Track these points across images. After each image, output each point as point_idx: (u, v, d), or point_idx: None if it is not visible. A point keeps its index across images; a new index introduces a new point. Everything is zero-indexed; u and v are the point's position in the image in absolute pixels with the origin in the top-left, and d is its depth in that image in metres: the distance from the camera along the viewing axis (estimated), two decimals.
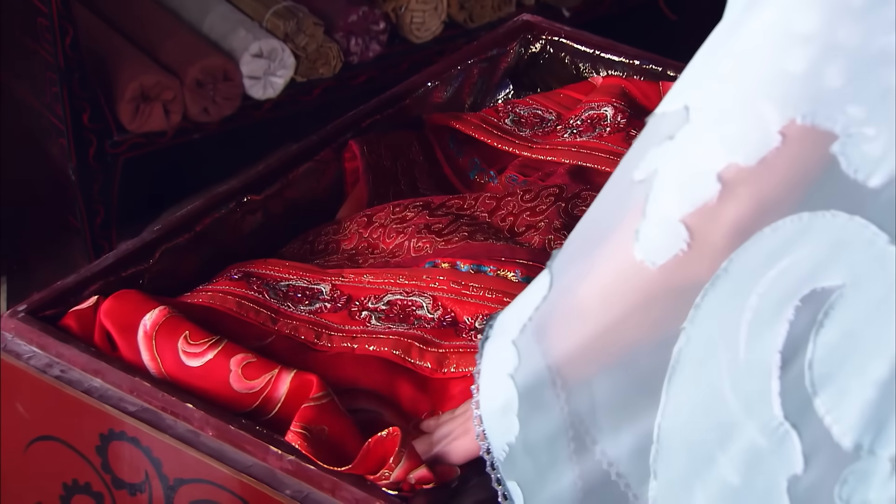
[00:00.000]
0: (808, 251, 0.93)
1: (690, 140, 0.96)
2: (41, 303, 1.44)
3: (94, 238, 2.20)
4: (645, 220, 0.98)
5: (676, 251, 0.97)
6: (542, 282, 1.13)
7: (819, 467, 0.92)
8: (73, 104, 2.07)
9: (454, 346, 1.42)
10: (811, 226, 0.93)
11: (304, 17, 2.23)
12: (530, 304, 1.13)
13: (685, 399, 1.00)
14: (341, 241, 1.63)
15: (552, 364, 1.09)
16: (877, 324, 0.89)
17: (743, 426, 0.95)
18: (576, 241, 1.11)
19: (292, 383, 1.32)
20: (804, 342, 0.93)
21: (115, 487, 1.38)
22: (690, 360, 0.99)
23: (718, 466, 0.97)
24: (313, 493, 1.26)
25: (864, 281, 0.90)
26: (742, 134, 0.93)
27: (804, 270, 0.93)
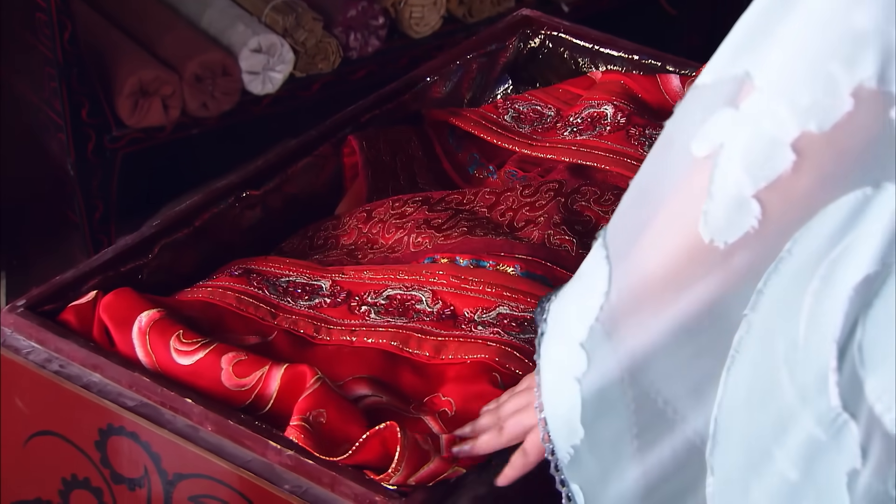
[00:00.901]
0: (868, 230, 0.89)
1: (759, 110, 0.90)
2: (40, 298, 1.44)
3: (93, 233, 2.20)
4: (712, 200, 0.93)
5: (747, 228, 0.92)
6: (599, 272, 1.07)
7: (874, 459, 0.89)
8: (72, 99, 2.07)
9: (453, 335, 1.42)
10: (873, 202, 0.89)
11: (303, 13, 2.23)
12: (594, 301, 1.06)
13: (742, 391, 0.96)
14: (340, 236, 1.64)
15: (623, 360, 1.05)
16: None
17: (800, 418, 0.92)
18: (630, 224, 1.04)
19: (283, 378, 1.32)
20: (856, 325, 0.89)
21: (115, 482, 1.38)
22: (750, 349, 0.96)
23: (775, 461, 0.94)
24: (312, 487, 1.26)
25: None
26: (814, 99, 0.87)
27: (864, 251, 0.89)
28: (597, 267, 1.07)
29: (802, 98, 0.88)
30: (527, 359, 1.38)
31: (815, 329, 0.91)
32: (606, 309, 1.05)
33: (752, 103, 0.91)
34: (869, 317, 0.89)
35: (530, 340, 1.40)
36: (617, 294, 1.04)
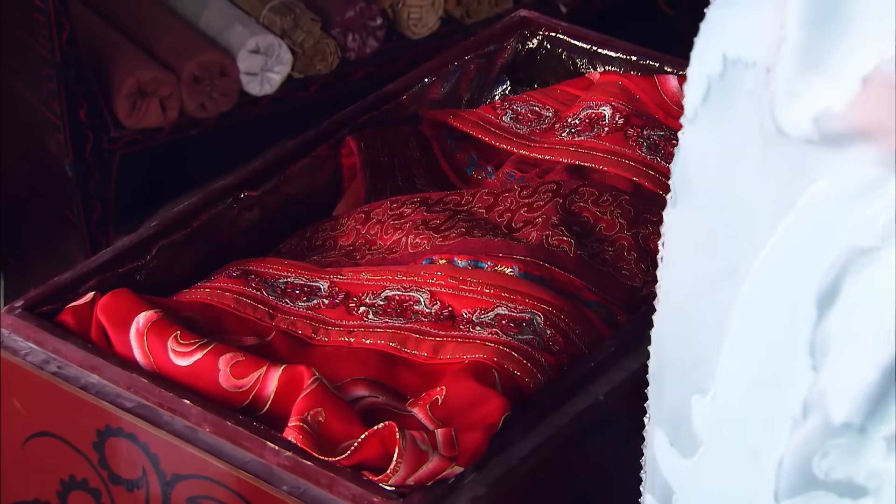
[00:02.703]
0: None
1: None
2: (38, 299, 1.44)
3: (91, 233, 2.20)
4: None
5: None
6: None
7: (811, 425, 0.86)
8: (70, 100, 2.07)
9: (451, 335, 1.42)
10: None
11: (301, 13, 2.23)
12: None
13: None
14: (338, 237, 1.64)
15: None
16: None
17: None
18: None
19: (281, 379, 1.32)
20: (834, 298, 0.84)
21: (113, 483, 1.38)
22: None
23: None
24: (310, 488, 1.26)
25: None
26: None
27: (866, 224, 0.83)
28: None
29: None
30: (524, 359, 1.38)
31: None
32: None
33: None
34: (839, 299, 0.84)
35: (528, 341, 1.41)
36: None
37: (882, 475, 0.84)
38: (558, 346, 1.42)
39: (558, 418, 1.35)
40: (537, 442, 1.33)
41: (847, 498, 0.85)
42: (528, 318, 1.44)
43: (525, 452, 1.32)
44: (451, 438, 1.27)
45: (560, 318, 1.44)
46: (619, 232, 1.59)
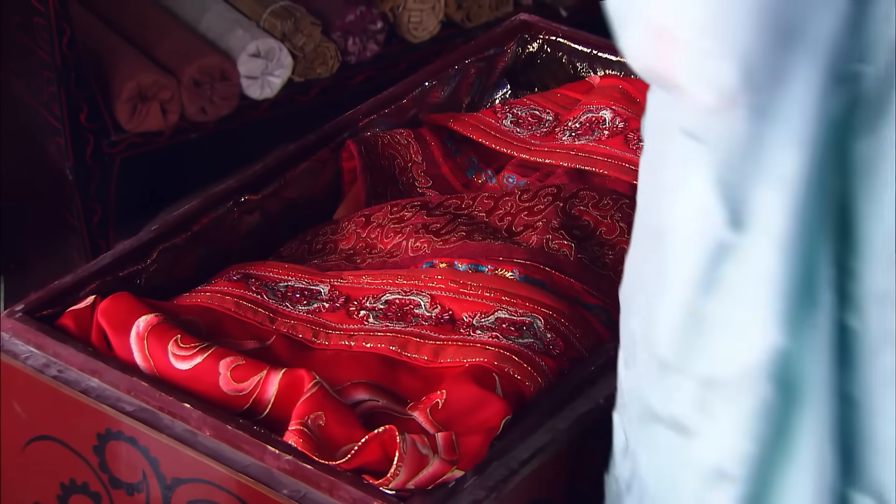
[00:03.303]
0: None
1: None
2: (39, 302, 1.44)
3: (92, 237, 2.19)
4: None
5: None
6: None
7: (646, 357, 0.91)
8: (71, 103, 2.07)
9: (451, 339, 1.42)
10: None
11: (302, 17, 2.23)
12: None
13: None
14: (339, 240, 1.64)
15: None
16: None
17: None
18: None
19: (281, 383, 1.32)
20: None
21: (113, 487, 1.38)
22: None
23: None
24: (311, 492, 1.26)
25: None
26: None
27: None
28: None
29: None
30: (525, 363, 1.38)
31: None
32: None
33: None
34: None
35: (528, 345, 1.41)
36: None
37: (698, 417, 0.86)
38: (559, 350, 1.42)
39: (559, 422, 1.35)
40: (538, 445, 1.32)
41: (676, 433, 0.87)
42: (529, 322, 1.44)
43: (525, 456, 1.31)
44: (452, 442, 1.27)
45: (560, 322, 1.44)
46: (620, 236, 1.59)
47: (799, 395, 0.85)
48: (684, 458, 0.90)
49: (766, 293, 0.83)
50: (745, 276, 0.84)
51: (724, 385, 0.86)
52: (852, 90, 0.79)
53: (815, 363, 0.84)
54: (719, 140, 0.84)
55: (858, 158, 0.81)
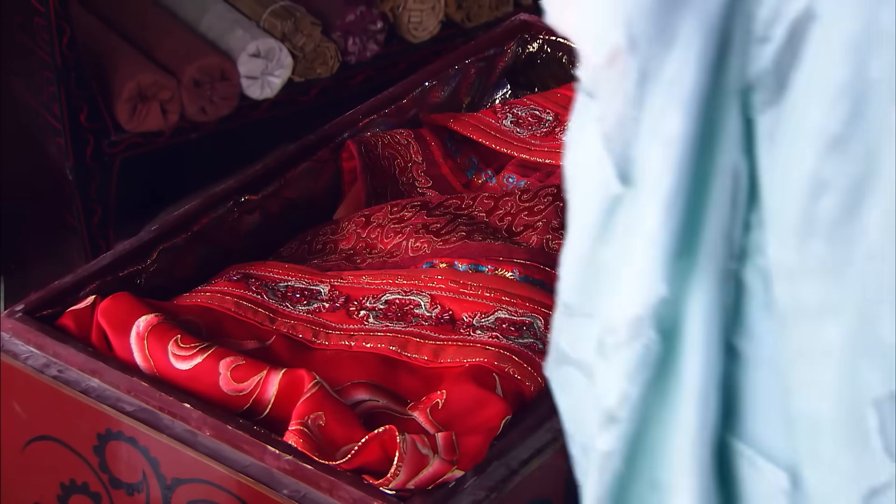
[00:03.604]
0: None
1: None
2: (39, 302, 1.44)
3: (92, 237, 2.19)
4: None
5: None
6: None
7: (558, 304, 0.94)
8: (71, 103, 2.07)
9: (451, 339, 1.42)
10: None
11: (302, 17, 2.23)
12: None
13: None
14: (339, 240, 1.64)
15: None
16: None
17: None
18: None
19: (281, 383, 1.32)
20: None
21: (113, 487, 1.38)
22: None
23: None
24: (311, 492, 1.26)
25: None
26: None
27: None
28: None
29: None
30: (525, 363, 1.38)
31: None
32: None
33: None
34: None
35: (529, 345, 1.41)
36: None
37: (597, 359, 0.89)
38: None
39: (559, 422, 1.35)
40: (538, 446, 1.32)
41: (584, 374, 0.91)
42: (529, 322, 1.44)
43: (525, 456, 1.31)
44: (452, 442, 1.27)
45: None
46: None
47: (681, 343, 0.87)
48: (590, 400, 0.92)
49: (651, 245, 0.85)
50: (633, 228, 0.86)
51: (616, 330, 0.88)
52: (754, 64, 0.80)
53: (700, 314, 0.87)
54: (608, 97, 0.86)
55: (762, 131, 0.82)
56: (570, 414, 0.96)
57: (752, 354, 0.88)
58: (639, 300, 0.86)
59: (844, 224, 0.79)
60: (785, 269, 0.83)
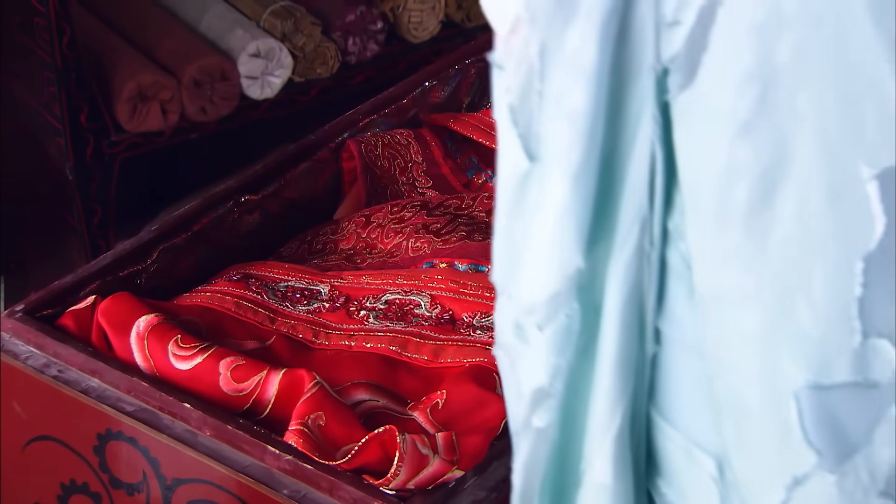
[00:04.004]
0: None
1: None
2: (39, 302, 1.44)
3: (92, 237, 2.19)
4: None
5: None
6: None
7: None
8: (71, 104, 2.07)
9: (452, 339, 1.42)
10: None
11: (302, 17, 2.23)
12: None
13: None
14: (339, 240, 1.64)
15: None
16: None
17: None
18: None
19: (281, 382, 1.32)
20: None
21: (113, 487, 1.38)
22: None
23: None
24: (311, 492, 1.26)
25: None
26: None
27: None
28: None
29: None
30: None
31: None
32: None
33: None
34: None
35: None
36: None
37: (518, 342, 0.90)
38: None
39: None
40: None
41: (507, 358, 0.92)
42: None
43: None
44: (452, 442, 1.27)
45: None
46: None
47: (602, 317, 0.87)
48: (512, 385, 0.93)
49: (563, 220, 0.85)
50: (545, 204, 0.86)
51: (534, 310, 0.89)
52: (668, 47, 0.80)
53: (617, 291, 0.87)
54: (514, 69, 0.87)
55: (677, 115, 0.82)
56: (507, 396, 0.96)
57: (676, 339, 0.88)
58: (555, 274, 0.86)
59: (759, 212, 0.79)
60: (703, 255, 0.83)
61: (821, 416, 0.80)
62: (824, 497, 0.81)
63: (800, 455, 0.81)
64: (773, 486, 0.83)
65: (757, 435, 0.83)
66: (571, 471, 0.92)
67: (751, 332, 0.81)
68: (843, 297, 0.78)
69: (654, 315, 0.88)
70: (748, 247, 0.80)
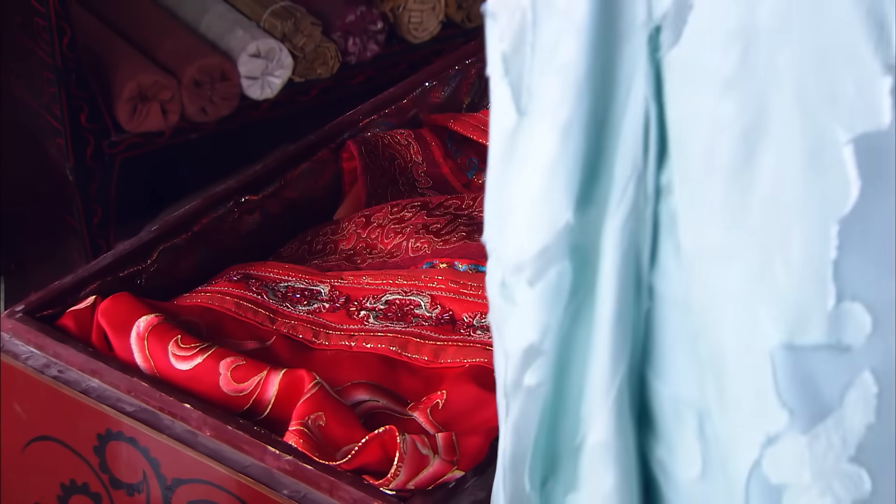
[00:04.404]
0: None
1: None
2: (39, 303, 1.44)
3: (92, 237, 2.19)
4: None
5: None
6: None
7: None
8: (71, 104, 2.07)
9: (452, 339, 1.42)
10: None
11: (302, 17, 2.23)
12: None
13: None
14: (339, 241, 1.64)
15: None
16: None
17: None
18: None
19: (281, 383, 1.32)
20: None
21: (113, 487, 1.38)
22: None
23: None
24: (311, 492, 1.26)
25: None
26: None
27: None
28: None
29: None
30: None
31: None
32: None
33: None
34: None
35: None
36: None
37: (506, 304, 0.91)
38: None
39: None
40: None
41: (495, 324, 0.92)
42: None
43: None
44: (452, 442, 1.27)
45: None
46: None
47: (597, 274, 0.88)
48: (499, 350, 0.93)
49: (552, 174, 0.85)
50: (534, 157, 0.87)
51: (522, 267, 0.89)
52: (659, 4, 0.82)
53: (612, 246, 0.88)
54: (507, 18, 0.87)
55: (667, 72, 0.84)
56: (495, 359, 0.96)
57: (666, 294, 0.88)
58: (544, 229, 0.86)
59: (741, 170, 0.80)
60: (688, 211, 0.84)
61: (794, 376, 0.82)
62: (795, 458, 0.83)
63: (773, 414, 0.82)
64: (748, 443, 0.84)
65: (735, 392, 0.84)
66: (567, 435, 0.92)
67: (731, 289, 0.83)
68: (818, 260, 0.79)
69: (648, 271, 0.88)
70: (730, 205, 0.81)
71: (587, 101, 0.84)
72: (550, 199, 0.86)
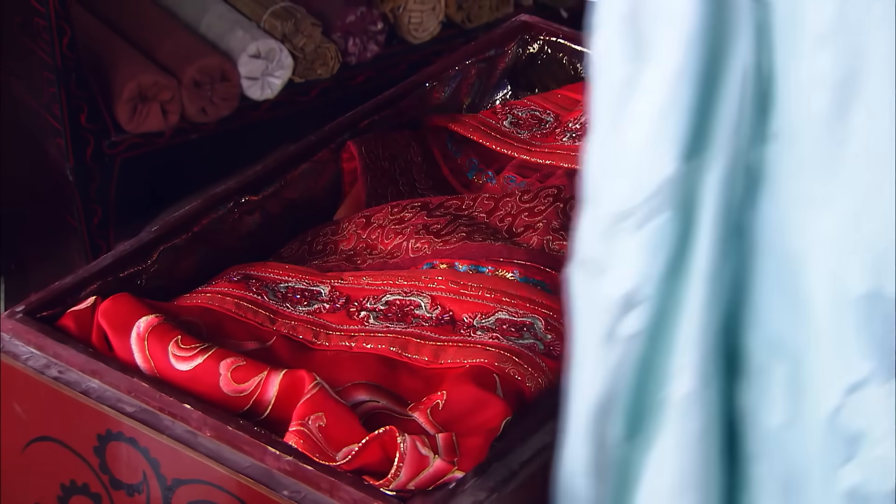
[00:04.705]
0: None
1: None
2: (39, 303, 1.44)
3: (92, 238, 2.19)
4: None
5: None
6: None
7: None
8: (71, 104, 2.07)
9: (452, 340, 1.42)
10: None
11: (302, 18, 2.23)
12: None
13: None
14: (339, 241, 1.64)
15: None
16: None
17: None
18: None
19: (282, 383, 1.32)
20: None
21: (113, 488, 1.38)
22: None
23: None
24: (311, 493, 1.26)
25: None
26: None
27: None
28: None
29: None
30: (525, 364, 1.38)
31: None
32: None
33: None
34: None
35: (529, 346, 1.41)
36: None
37: (607, 249, 0.94)
38: (559, 351, 1.42)
39: (559, 423, 1.35)
40: (538, 446, 1.32)
41: (588, 274, 0.96)
42: (529, 323, 1.44)
43: (526, 457, 1.32)
44: (452, 443, 1.27)
45: (561, 323, 1.44)
46: None
47: (695, 224, 0.90)
48: (594, 297, 0.94)
49: (662, 122, 0.88)
50: (644, 107, 0.89)
51: (629, 212, 0.91)
52: None
53: (712, 197, 0.90)
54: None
55: (771, 27, 0.86)
56: (576, 317, 0.96)
57: (765, 242, 0.90)
58: (652, 177, 0.88)
59: (836, 122, 0.83)
60: (787, 159, 0.87)
61: (879, 327, 0.85)
62: (876, 407, 0.86)
63: (856, 363, 0.85)
64: (832, 389, 0.87)
65: (822, 339, 0.87)
66: (654, 389, 0.94)
67: (824, 237, 0.86)
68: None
69: (745, 220, 0.90)
70: (826, 156, 0.84)
71: (697, 51, 0.86)
72: (658, 147, 0.88)
